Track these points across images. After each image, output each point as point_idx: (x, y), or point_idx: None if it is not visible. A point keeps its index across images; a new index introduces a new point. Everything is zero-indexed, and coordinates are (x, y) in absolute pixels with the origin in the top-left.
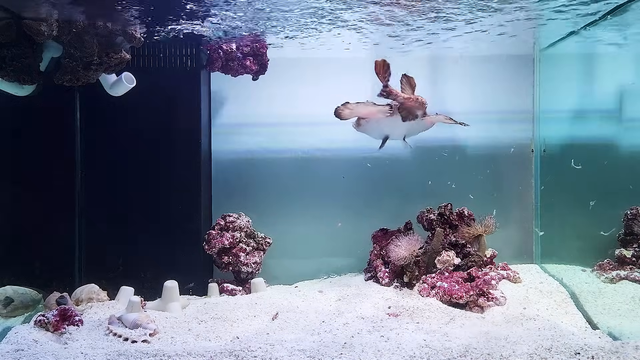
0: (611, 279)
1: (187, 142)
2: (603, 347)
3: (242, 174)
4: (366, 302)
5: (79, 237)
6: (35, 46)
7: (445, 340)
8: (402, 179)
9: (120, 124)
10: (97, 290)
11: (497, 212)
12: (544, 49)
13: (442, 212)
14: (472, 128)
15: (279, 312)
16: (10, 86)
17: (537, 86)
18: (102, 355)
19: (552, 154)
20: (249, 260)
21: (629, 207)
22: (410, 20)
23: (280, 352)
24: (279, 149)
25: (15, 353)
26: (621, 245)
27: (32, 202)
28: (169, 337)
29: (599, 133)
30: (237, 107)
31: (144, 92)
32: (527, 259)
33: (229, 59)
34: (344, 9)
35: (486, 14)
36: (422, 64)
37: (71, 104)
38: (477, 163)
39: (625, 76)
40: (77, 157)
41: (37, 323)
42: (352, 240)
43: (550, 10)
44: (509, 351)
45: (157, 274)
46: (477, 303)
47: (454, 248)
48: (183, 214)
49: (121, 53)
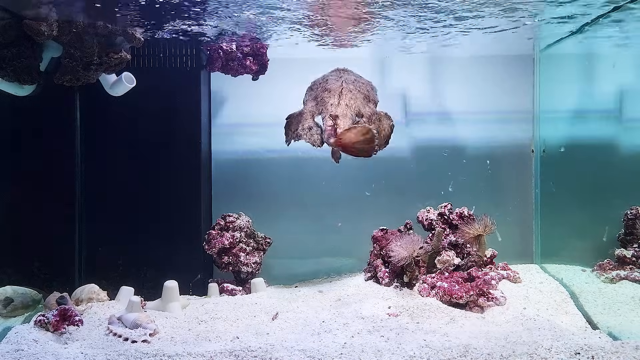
0: (611, 279)
1: (187, 142)
2: (603, 347)
3: (242, 174)
4: (366, 302)
5: (79, 237)
6: (35, 46)
7: (445, 340)
8: (402, 179)
9: (120, 124)
10: (97, 290)
11: (497, 212)
12: (544, 49)
13: (442, 212)
14: (473, 128)
15: (279, 312)
16: (10, 86)
17: (537, 86)
18: (102, 355)
19: (552, 154)
20: (249, 260)
21: (629, 207)
22: (413, 21)
23: (280, 352)
24: (279, 149)
25: (15, 353)
26: (621, 245)
27: (32, 202)
28: (169, 337)
29: (599, 133)
30: (237, 107)
31: (144, 92)
32: (527, 259)
33: (229, 59)
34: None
35: (486, 14)
36: (422, 64)
37: (71, 104)
38: (477, 163)
39: (626, 76)
40: (77, 157)
41: (37, 323)
42: (352, 240)
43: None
44: (509, 351)
45: (157, 274)
46: (477, 303)
47: (454, 248)
48: (183, 214)
49: (121, 53)
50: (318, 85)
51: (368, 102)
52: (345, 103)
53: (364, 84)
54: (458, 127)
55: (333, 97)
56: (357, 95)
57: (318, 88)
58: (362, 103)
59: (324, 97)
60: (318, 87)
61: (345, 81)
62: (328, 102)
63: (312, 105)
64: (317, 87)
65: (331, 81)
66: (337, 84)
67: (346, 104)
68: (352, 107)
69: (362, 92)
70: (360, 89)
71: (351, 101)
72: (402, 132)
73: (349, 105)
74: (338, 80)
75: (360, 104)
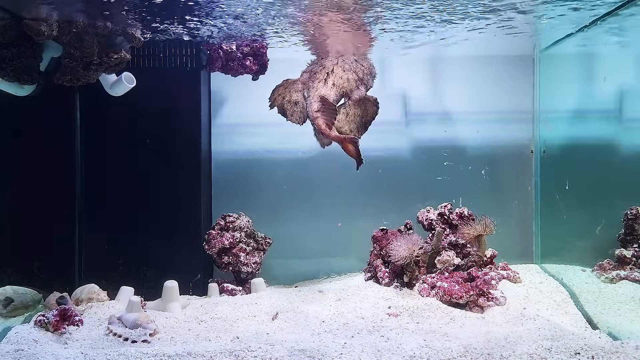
0: (611, 279)
1: (187, 142)
2: (603, 347)
3: (242, 174)
4: (366, 302)
5: (79, 237)
6: (35, 46)
7: (445, 340)
8: (402, 179)
9: (120, 124)
10: (97, 290)
11: (497, 212)
12: (543, 49)
13: (442, 212)
14: (472, 128)
15: (279, 312)
16: (10, 86)
17: (537, 86)
18: (102, 355)
19: (552, 154)
20: (249, 260)
21: (629, 207)
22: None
23: (280, 352)
24: (279, 149)
25: (15, 353)
26: (621, 245)
27: (32, 202)
28: (169, 337)
29: (599, 133)
30: (237, 107)
31: (144, 92)
32: (527, 259)
33: (229, 59)
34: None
35: (486, 14)
36: (422, 64)
37: (71, 104)
38: (477, 163)
39: (626, 76)
40: (77, 157)
41: (37, 323)
42: (352, 240)
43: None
44: (509, 351)
45: (157, 274)
46: (477, 303)
47: (454, 248)
48: (183, 214)
49: (121, 53)
50: (319, 59)
51: (360, 84)
52: (333, 82)
53: (363, 67)
54: (458, 127)
55: (322, 73)
56: (350, 76)
57: (317, 62)
58: (352, 84)
59: (316, 71)
60: (317, 62)
61: (343, 59)
62: (316, 79)
63: (306, 77)
64: (317, 61)
65: (330, 57)
66: (333, 61)
67: (333, 82)
68: (339, 87)
69: (357, 73)
70: (356, 70)
71: (340, 80)
72: (402, 132)
73: (335, 84)
74: (336, 58)
75: (350, 85)
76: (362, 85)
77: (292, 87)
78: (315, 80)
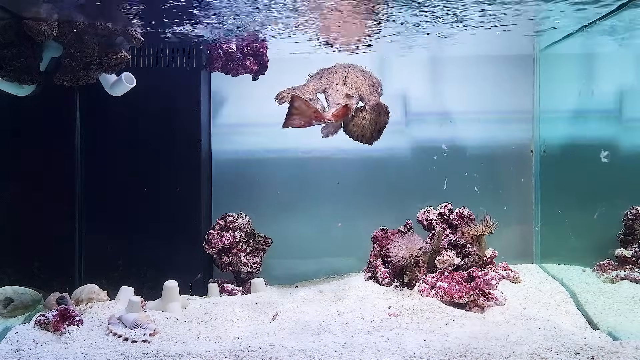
0: (611, 279)
1: (187, 142)
2: (603, 347)
3: (242, 174)
4: (366, 302)
5: (79, 237)
6: (35, 46)
7: (445, 340)
8: (402, 179)
9: (120, 124)
10: (97, 290)
11: (497, 212)
12: (543, 49)
13: (442, 212)
14: (473, 128)
15: (279, 312)
16: (10, 86)
17: (537, 86)
18: (102, 355)
19: (552, 153)
20: (249, 260)
21: (629, 207)
22: (414, 21)
23: (280, 352)
24: (279, 149)
25: (15, 353)
26: (621, 245)
27: (32, 202)
28: (169, 337)
29: (599, 133)
30: (237, 107)
31: (144, 92)
32: (527, 259)
33: (229, 59)
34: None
35: (486, 14)
36: (422, 64)
37: (71, 104)
38: (477, 163)
39: (626, 76)
40: (77, 157)
41: (37, 323)
42: (352, 240)
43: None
44: (509, 351)
45: (157, 274)
46: (477, 303)
47: (454, 248)
48: (183, 214)
49: (121, 53)
50: (324, 70)
51: (373, 90)
52: (351, 84)
53: (372, 78)
54: (458, 127)
55: (339, 78)
56: (363, 82)
57: (324, 72)
58: (367, 89)
59: (329, 77)
60: (324, 72)
61: (353, 69)
62: (334, 82)
63: (316, 81)
64: (323, 72)
65: (339, 67)
66: (344, 70)
67: (351, 85)
68: (357, 89)
69: (368, 81)
70: (367, 78)
71: (356, 84)
72: (402, 132)
73: (354, 86)
74: (346, 67)
75: (365, 89)
76: (375, 92)
77: (301, 90)
78: (333, 82)
